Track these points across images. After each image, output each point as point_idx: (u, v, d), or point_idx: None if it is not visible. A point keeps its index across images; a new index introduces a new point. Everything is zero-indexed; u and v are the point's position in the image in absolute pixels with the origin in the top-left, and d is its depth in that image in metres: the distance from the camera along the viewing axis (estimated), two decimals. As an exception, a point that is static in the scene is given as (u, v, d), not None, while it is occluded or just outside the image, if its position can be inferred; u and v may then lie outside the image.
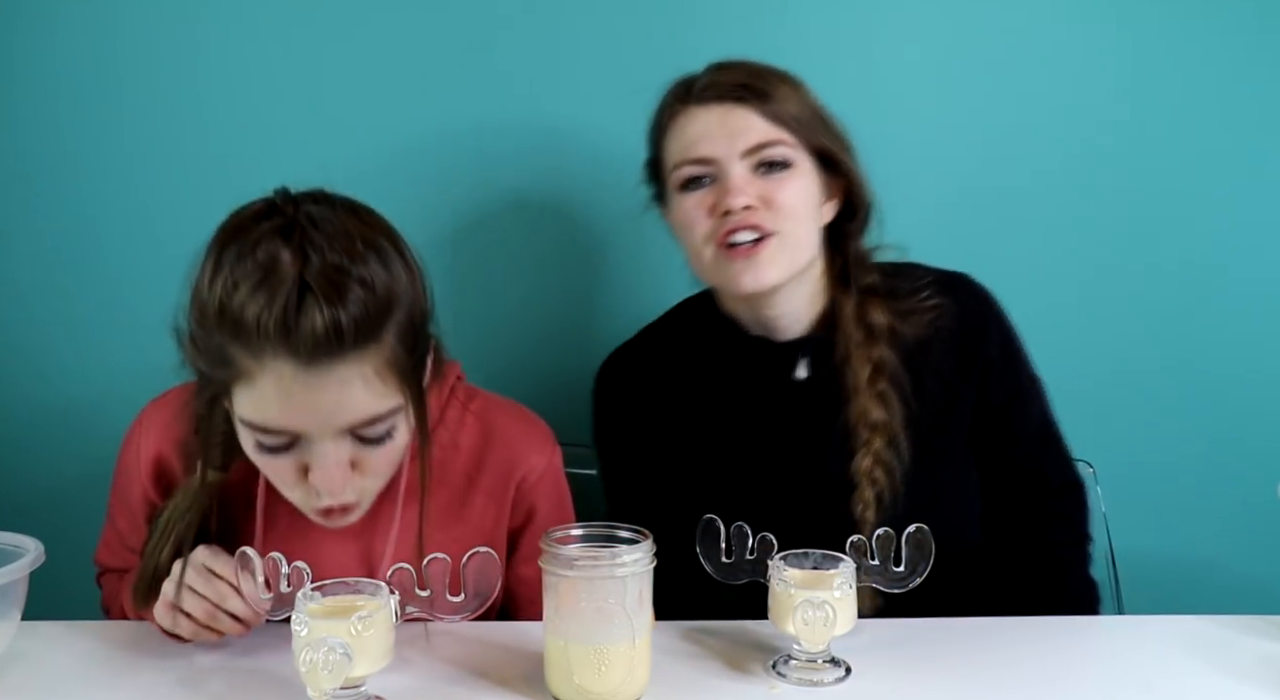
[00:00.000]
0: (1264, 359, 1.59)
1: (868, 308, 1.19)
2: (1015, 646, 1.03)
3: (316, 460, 0.91)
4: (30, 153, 1.54)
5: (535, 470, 1.11)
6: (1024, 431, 1.24)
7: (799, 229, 1.14)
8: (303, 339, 0.84)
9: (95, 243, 1.56)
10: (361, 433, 0.91)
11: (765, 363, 1.22)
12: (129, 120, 1.53)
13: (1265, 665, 0.99)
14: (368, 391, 0.89)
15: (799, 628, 0.94)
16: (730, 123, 1.12)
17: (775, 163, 1.13)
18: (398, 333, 0.90)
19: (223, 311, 0.86)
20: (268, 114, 1.53)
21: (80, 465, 1.59)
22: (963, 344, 1.21)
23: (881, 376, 1.17)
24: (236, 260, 0.87)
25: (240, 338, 0.85)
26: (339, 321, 0.84)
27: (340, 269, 0.86)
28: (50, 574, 1.01)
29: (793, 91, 1.16)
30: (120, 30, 1.51)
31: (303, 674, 0.83)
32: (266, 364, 0.86)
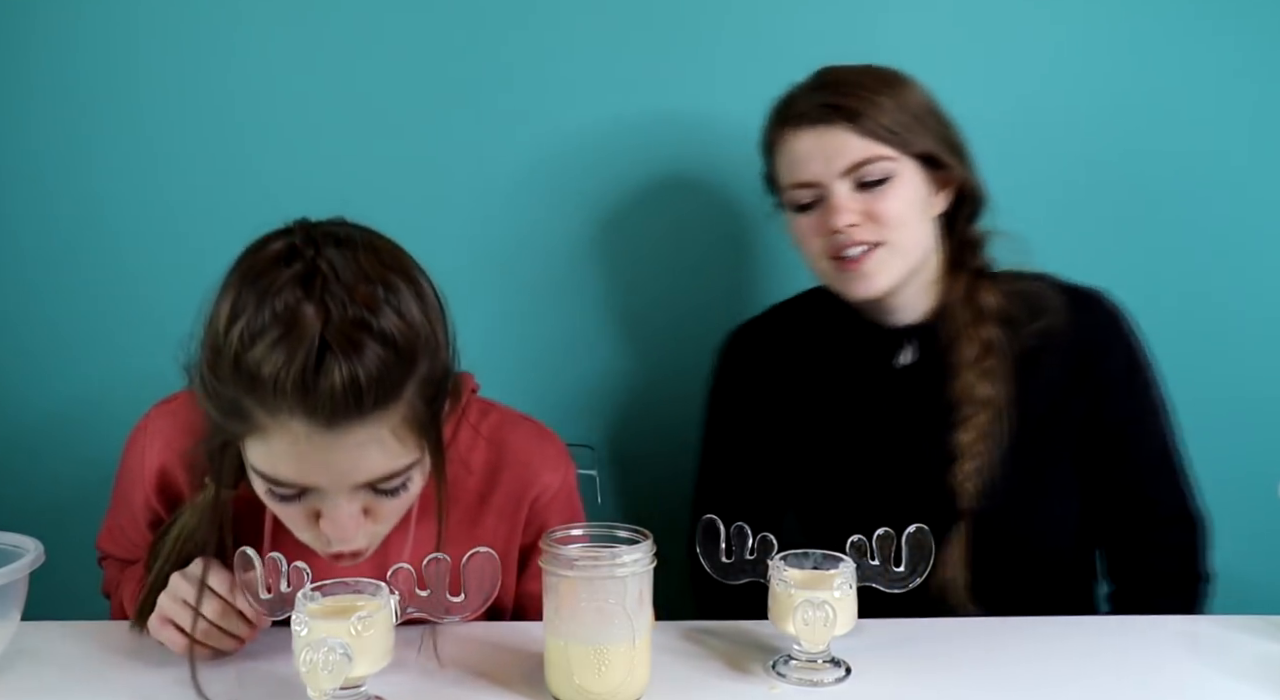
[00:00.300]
0: (1264, 359, 1.59)
1: (978, 289, 1.21)
2: (1015, 646, 1.03)
3: (329, 511, 0.89)
4: (37, 152, 1.54)
5: (549, 489, 1.10)
6: (1139, 456, 1.22)
7: (906, 234, 1.17)
8: (321, 401, 0.81)
9: (97, 243, 1.56)
10: (377, 486, 0.90)
11: (871, 347, 1.25)
12: (136, 118, 1.53)
13: (1265, 665, 0.99)
14: (385, 451, 0.87)
15: (799, 628, 0.94)
16: (827, 144, 1.16)
17: (874, 179, 1.15)
18: (418, 388, 0.87)
19: (238, 364, 0.82)
20: (289, 114, 1.53)
21: (81, 466, 1.59)
22: (1081, 359, 1.20)
23: (989, 355, 1.18)
24: (254, 309, 0.83)
25: (256, 393, 0.82)
26: (359, 384, 0.81)
27: (361, 325, 0.82)
28: (50, 574, 1.01)
29: (889, 98, 1.16)
30: (135, 31, 1.52)
31: (303, 674, 0.83)
32: (282, 422, 0.83)
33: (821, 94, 1.18)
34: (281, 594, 0.90)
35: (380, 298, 0.84)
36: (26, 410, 1.60)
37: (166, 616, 0.96)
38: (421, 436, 0.90)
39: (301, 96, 1.53)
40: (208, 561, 0.96)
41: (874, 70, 1.20)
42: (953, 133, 1.21)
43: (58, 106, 1.53)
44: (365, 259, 0.86)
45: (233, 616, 0.95)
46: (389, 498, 0.91)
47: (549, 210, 1.56)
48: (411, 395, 0.86)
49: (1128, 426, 1.21)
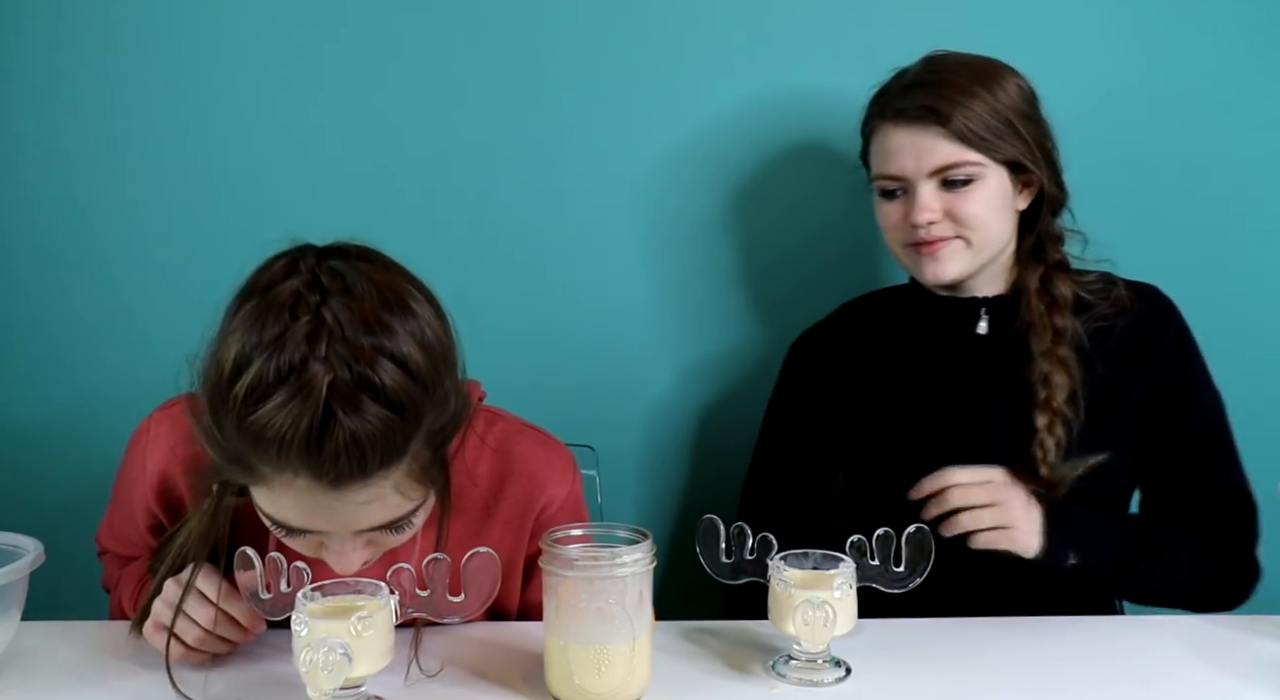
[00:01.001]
0: (1264, 358, 1.58)
1: (1054, 280, 1.25)
2: (1015, 646, 1.03)
3: (332, 548, 0.90)
4: (30, 151, 1.54)
5: (555, 501, 1.09)
6: (1189, 429, 1.25)
7: (985, 232, 1.22)
8: (326, 464, 0.80)
9: (97, 242, 1.56)
10: (383, 528, 0.90)
11: (949, 317, 1.29)
12: (126, 119, 1.54)
13: (1265, 665, 0.99)
14: (388, 505, 0.87)
15: (799, 628, 0.94)
16: (918, 144, 1.20)
17: (959, 180, 1.19)
18: (424, 441, 0.87)
19: (243, 421, 0.81)
20: (301, 117, 1.53)
21: (81, 466, 1.59)
22: (1138, 336, 1.25)
23: (1063, 342, 1.22)
24: (261, 363, 0.80)
25: (260, 450, 0.81)
26: (363, 447, 0.80)
27: (366, 386, 0.81)
28: (50, 574, 1.01)
29: (985, 101, 1.19)
30: (133, 36, 1.52)
31: (303, 674, 0.83)
32: (286, 479, 0.83)
33: (920, 92, 1.21)
34: (281, 594, 0.90)
35: (386, 351, 0.83)
36: (27, 411, 1.60)
37: (160, 623, 0.96)
38: (428, 479, 0.90)
39: (306, 101, 1.53)
40: (198, 566, 0.96)
41: (975, 65, 1.22)
42: (1044, 134, 1.24)
43: (44, 105, 1.53)
44: (369, 305, 0.84)
45: (224, 622, 0.95)
46: (393, 534, 0.91)
47: (550, 211, 1.56)
48: (417, 449, 0.86)
49: (1180, 399, 1.25)
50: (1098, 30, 1.53)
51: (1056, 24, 1.52)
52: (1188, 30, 1.53)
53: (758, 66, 1.52)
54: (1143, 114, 1.54)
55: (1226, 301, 1.56)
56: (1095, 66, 1.53)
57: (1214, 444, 1.26)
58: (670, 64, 1.53)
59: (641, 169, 1.55)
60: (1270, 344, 1.59)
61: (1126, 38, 1.53)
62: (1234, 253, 1.57)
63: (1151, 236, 1.55)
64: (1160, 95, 1.54)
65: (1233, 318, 1.55)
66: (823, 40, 1.52)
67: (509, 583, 1.09)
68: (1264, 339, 1.59)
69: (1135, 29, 1.53)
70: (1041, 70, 1.26)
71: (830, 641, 0.96)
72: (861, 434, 1.32)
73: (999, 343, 1.26)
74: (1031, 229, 1.27)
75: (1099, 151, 1.52)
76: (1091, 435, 1.21)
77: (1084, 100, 1.52)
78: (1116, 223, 1.44)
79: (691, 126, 1.54)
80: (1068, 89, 1.43)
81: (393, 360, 0.82)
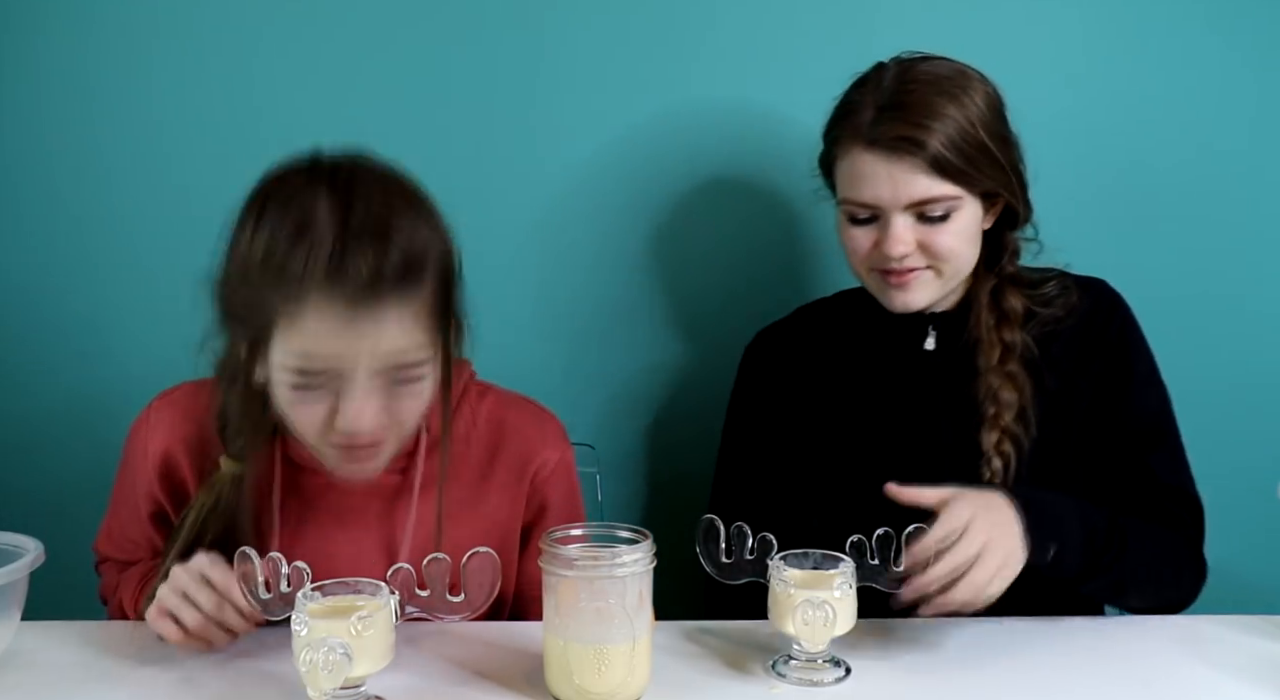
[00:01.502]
0: (1264, 358, 1.59)
1: (1005, 293, 1.23)
2: (1015, 646, 1.03)
3: (346, 398, 0.92)
4: (29, 149, 1.54)
5: (549, 464, 1.13)
6: (1133, 424, 1.22)
7: (957, 262, 1.19)
8: (347, 283, 0.87)
9: (96, 241, 1.56)
10: (392, 376, 0.93)
11: (897, 332, 1.26)
12: (111, 115, 1.54)
13: (1265, 665, 0.99)
14: (404, 334, 0.92)
15: (799, 628, 0.94)
16: (895, 175, 1.14)
17: (937, 215, 1.16)
18: (436, 280, 0.94)
19: (267, 261, 0.88)
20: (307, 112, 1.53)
21: (80, 465, 1.59)
22: (1084, 338, 1.23)
23: (1012, 357, 1.20)
24: (280, 212, 0.89)
25: (285, 285, 0.88)
26: (382, 266, 0.88)
27: (382, 217, 0.90)
28: (50, 574, 1.01)
29: (956, 123, 1.13)
30: (145, 28, 1.52)
31: (303, 674, 0.83)
32: (309, 307, 0.88)
33: (896, 118, 1.14)
34: (281, 594, 0.90)
35: (399, 201, 0.92)
36: (26, 410, 1.59)
37: (165, 608, 0.96)
38: (437, 331, 0.95)
39: (321, 95, 1.53)
40: (209, 555, 0.97)
41: (945, 81, 1.16)
42: (1014, 151, 1.20)
43: (29, 100, 1.53)
44: (384, 172, 0.95)
45: (228, 609, 0.96)
46: (403, 389, 0.94)
47: (550, 212, 1.56)
48: (430, 285, 0.93)
49: (1122, 393, 1.22)
50: (1062, 32, 1.53)
51: (1014, 27, 1.53)
52: (1161, 31, 1.53)
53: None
54: (1118, 114, 1.54)
55: (1175, 301, 1.56)
56: (1059, 67, 1.53)
57: (1156, 440, 1.23)
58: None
59: (642, 168, 1.55)
60: (1260, 343, 1.59)
61: (1097, 39, 1.53)
62: (1197, 252, 1.57)
63: (1096, 238, 1.54)
64: (1140, 95, 1.54)
65: (1181, 317, 1.56)
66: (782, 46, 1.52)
67: (508, 551, 1.11)
68: (1263, 339, 1.59)
69: (1107, 31, 1.53)
70: (1005, 69, 1.23)
71: (830, 641, 0.96)
72: (815, 438, 1.29)
73: (947, 358, 1.24)
74: (989, 242, 1.23)
75: (1063, 149, 1.52)
76: (1044, 450, 1.19)
77: (1058, 102, 1.52)
78: (1064, 222, 1.44)
79: (690, 112, 1.54)
80: (1035, 90, 1.44)
81: (409, 205, 0.93)
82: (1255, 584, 1.54)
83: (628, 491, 1.63)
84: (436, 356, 0.97)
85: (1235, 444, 1.58)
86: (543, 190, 1.56)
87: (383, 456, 1.00)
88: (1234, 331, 1.58)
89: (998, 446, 1.18)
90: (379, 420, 0.94)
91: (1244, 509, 1.52)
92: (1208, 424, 1.58)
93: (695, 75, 1.53)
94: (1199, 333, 1.58)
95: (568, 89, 1.53)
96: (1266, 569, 1.55)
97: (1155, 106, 1.55)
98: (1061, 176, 1.54)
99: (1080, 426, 1.22)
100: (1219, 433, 1.58)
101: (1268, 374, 1.59)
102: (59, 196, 1.55)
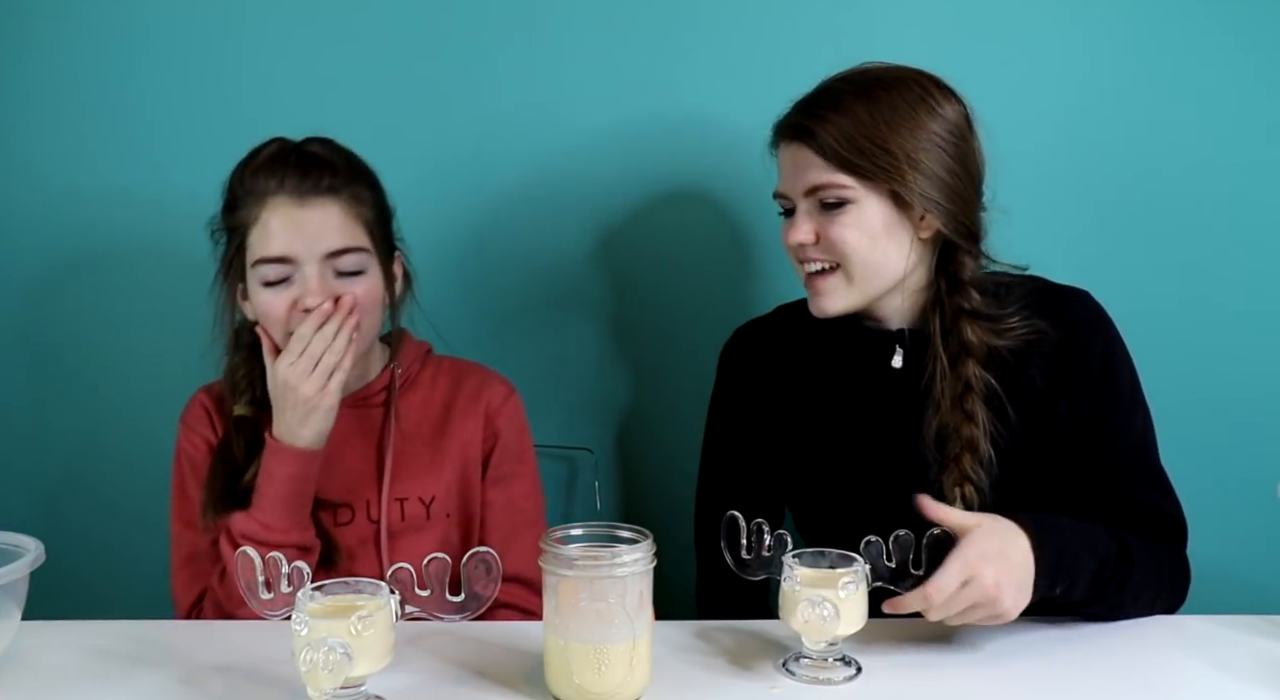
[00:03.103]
0: (1264, 358, 1.59)
1: (961, 326, 1.16)
2: (1016, 646, 1.03)
3: (301, 279, 1.15)
4: (34, 148, 1.55)
5: (499, 396, 1.31)
6: (1114, 451, 1.18)
7: (863, 264, 1.15)
8: (294, 181, 1.15)
9: (97, 241, 1.56)
10: (338, 264, 1.15)
11: (865, 348, 1.23)
12: (100, 111, 1.54)
13: (1265, 665, 0.99)
14: (343, 226, 1.16)
15: (801, 625, 0.94)
16: (796, 162, 1.15)
17: (831, 202, 1.14)
18: (369, 192, 1.20)
19: (241, 181, 1.18)
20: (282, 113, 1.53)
21: (81, 465, 1.59)
22: (1061, 360, 1.17)
23: (971, 394, 1.15)
24: (250, 157, 1.19)
25: (254, 192, 1.16)
26: (322, 171, 1.16)
27: (325, 146, 1.20)
28: (50, 574, 1.01)
29: (857, 119, 1.11)
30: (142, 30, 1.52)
31: (303, 674, 0.83)
32: (269, 205, 1.15)
33: (801, 109, 1.15)
34: (282, 594, 0.90)
35: (346, 151, 1.21)
36: (27, 410, 1.59)
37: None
38: (371, 233, 1.19)
39: (294, 97, 1.53)
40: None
41: (870, 83, 1.14)
42: (951, 166, 1.14)
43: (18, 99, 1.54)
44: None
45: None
46: (348, 281, 1.16)
47: (550, 213, 1.56)
48: (364, 193, 1.19)
49: (1104, 421, 1.18)
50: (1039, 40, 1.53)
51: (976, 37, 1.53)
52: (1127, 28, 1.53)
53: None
54: (1114, 117, 1.55)
55: (1176, 301, 1.56)
56: (1005, 67, 1.53)
57: (1138, 467, 1.18)
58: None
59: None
60: (1261, 344, 1.60)
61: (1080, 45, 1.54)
62: (1198, 253, 1.57)
63: (1096, 237, 1.55)
64: (1109, 92, 1.55)
65: (1182, 318, 1.57)
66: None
67: (471, 473, 1.29)
68: (1264, 339, 1.59)
69: (1102, 32, 1.54)
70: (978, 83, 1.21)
71: (837, 639, 0.96)
72: (789, 439, 1.27)
73: (916, 377, 1.19)
74: (943, 268, 1.18)
75: (1065, 151, 1.53)
76: (1011, 479, 1.16)
77: (1010, 100, 1.51)
78: (1059, 222, 1.44)
79: (689, 100, 1.55)
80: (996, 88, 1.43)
81: (352, 155, 1.22)
82: (1255, 584, 1.54)
83: (628, 493, 1.63)
84: (376, 263, 1.19)
85: (1235, 444, 1.58)
86: (544, 190, 1.56)
87: (343, 371, 1.15)
88: (1234, 332, 1.58)
89: (959, 485, 1.15)
90: (328, 297, 1.14)
91: (1244, 509, 1.52)
92: (1208, 424, 1.58)
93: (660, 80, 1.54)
94: (1199, 333, 1.58)
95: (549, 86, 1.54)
96: (1266, 569, 1.55)
97: (1153, 108, 1.55)
98: (1062, 179, 1.55)
99: (1055, 447, 1.19)
100: (1219, 433, 1.59)
101: (1268, 374, 1.59)
102: (62, 199, 1.55)
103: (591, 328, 1.60)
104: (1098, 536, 1.07)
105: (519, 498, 1.30)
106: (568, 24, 1.52)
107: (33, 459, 1.60)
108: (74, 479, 1.59)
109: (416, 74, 1.53)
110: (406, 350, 1.30)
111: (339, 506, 1.23)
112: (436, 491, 1.25)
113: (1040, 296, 1.20)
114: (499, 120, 1.54)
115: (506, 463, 1.30)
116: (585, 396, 1.60)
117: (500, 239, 1.56)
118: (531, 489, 1.32)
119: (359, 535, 1.23)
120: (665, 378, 1.60)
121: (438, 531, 1.25)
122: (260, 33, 1.53)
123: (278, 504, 1.14)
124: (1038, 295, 1.20)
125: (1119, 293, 1.58)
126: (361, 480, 1.24)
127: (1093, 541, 1.06)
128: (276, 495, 1.14)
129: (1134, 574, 1.08)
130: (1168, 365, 1.58)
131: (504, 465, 1.30)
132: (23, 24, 1.52)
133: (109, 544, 1.58)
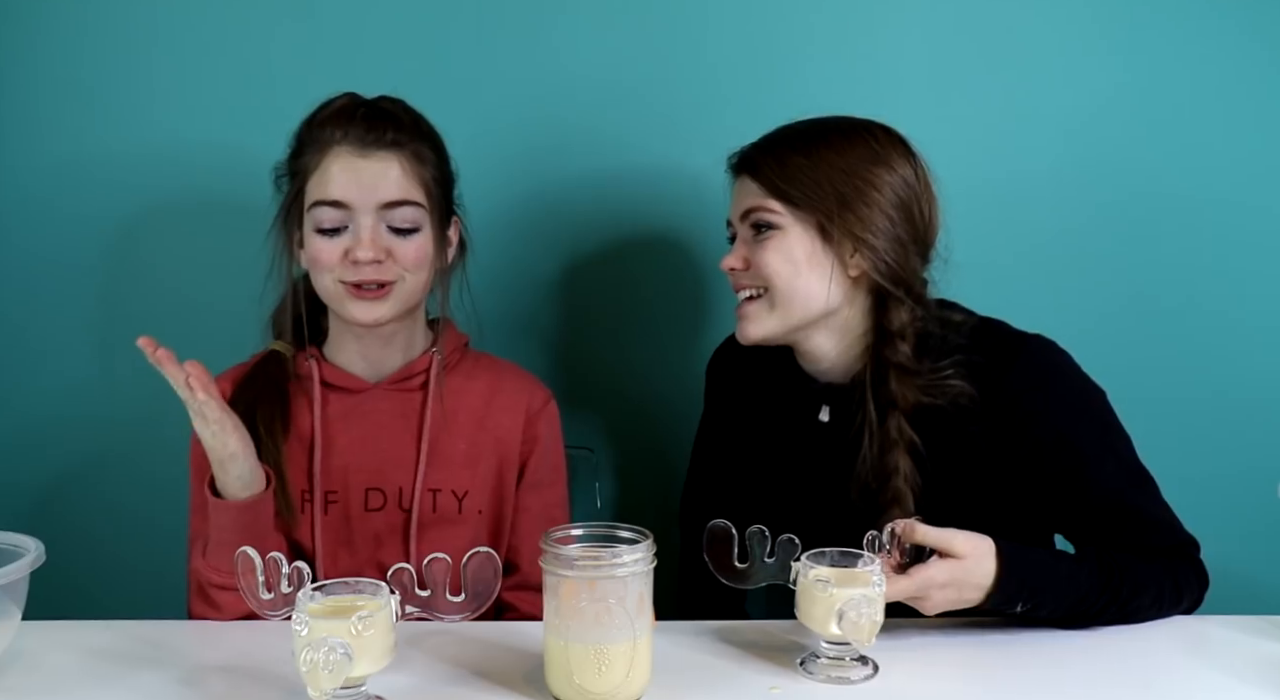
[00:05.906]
0: (1264, 358, 1.59)
1: (889, 379, 1.15)
2: (1017, 646, 1.04)
3: (355, 230, 1.16)
4: (34, 155, 1.55)
5: (539, 400, 1.30)
6: (1089, 504, 1.14)
7: (786, 286, 1.15)
8: (359, 132, 1.17)
9: (98, 242, 1.56)
10: (392, 219, 1.17)
11: (798, 399, 1.25)
12: (125, 120, 1.54)
13: (1265, 665, 0.99)
14: (401, 178, 1.17)
15: (846, 627, 0.93)
16: (739, 191, 1.21)
17: (761, 225, 1.17)
18: (431, 150, 1.21)
19: (309, 129, 1.20)
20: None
21: (81, 466, 1.59)
22: (1008, 419, 1.13)
23: (896, 449, 1.14)
24: (320, 108, 1.21)
25: (319, 140, 1.18)
26: (384, 124, 1.18)
27: (394, 103, 1.22)
28: (50, 574, 1.01)
29: (802, 156, 1.15)
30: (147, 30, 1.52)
31: (303, 674, 0.83)
32: (331, 153, 1.17)
33: (757, 142, 1.20)
34: (282, 594, 0.90)
35: (413, 110, 1.22)
36: (27, 409, 1.59)
37: None
38: (428, 192, 1.19)
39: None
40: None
41: (820, 131, 1.17)
42: (882, 212, 1.14)
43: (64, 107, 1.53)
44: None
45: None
46: (401, 238, 1.17)
47: (549, 213, 1.56)
48: (425, 151, 1.20)
49: (1072, 478, 1.13)
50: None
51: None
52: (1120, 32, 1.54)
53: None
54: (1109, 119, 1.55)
55: (1176, 302, 1.57)
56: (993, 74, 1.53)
57: (1120, 517, 1.13)
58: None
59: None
60: (1261, 344, 1.60)
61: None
62: (1198, 254, 1.57)
63: (1095, 238, 1.56)
64: (1100, 93, 1.55)
65: (1181, 318, 1.57)
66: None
67: (508, 472, 1.27)
68: (1264, 339, 1.59)
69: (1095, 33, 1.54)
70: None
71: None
72: (751, 462, 1.30)
73: (842, 432, 1.18)
74: (880, 317, 1.17)
75: (1063, 153, 1.53)
76: (950, 521, 1.09)
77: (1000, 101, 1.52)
78: (1056, 224, 1.43)
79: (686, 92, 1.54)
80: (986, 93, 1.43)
81: (418, 115, 1.23)
82: (1256, 584, 1.54)
83: (628, 493, 1.63)
84: (431, 221, 1.19)
85: (1235, 444, 1.58)
86: (544, 190, 1.56)
87: (387, 305, 1.18)
88: (1235, 332, 1.58)
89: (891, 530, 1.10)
90: (379, 250, 1.15)
91: (1244, 509, 1.52)
92: (1208, 424, 1.59)
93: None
94: (1200, 333, 1.58)
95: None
96: (1267, 569, 1.55)
97: (1155, 109, 1.55)
98: (1062, 179, 1.55)
99: (1004, 505, 1.16)
100: (1219, 433, 1.59)
101: (1268, 374, 1.59)
102: (63, 199, 1.55)
103: (592, 328, 1.60)
104: (1076, 569, 1.06)
105: (553, 505, 1.30)
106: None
107: (33, 459, 1.59)
108: (73, 480, 1.59)
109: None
110: (449, 338, 1.29)
111: (370, 490, 1.22)
112: (471, 486, 1.24)
113: (991, 347, 1.16)
114: (497, 120, 1.54)
115: (544, 469, 1.29)
116: (585, 396, 1.60)
117: (501, 239, 1.56)
118: (564, 497, 1.32)
119: (389, 523, 1.22)
120: (665, 378, 1.60)
121: (468, 528, 1.24)
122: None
123: (226, 549, 1.09)
124: (988, 346, 1.16)
125: (1119, 292, 1.59)
126: (396, 466, 1.23)
127: (1072, 567, 1.06)
128: (221, 542, 1.12)
129: (1123, 592, 1.07)
130: (1168, 365, 1.59)
131: (541, 471, 1.29)
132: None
133: (109, 544, 1.58)
